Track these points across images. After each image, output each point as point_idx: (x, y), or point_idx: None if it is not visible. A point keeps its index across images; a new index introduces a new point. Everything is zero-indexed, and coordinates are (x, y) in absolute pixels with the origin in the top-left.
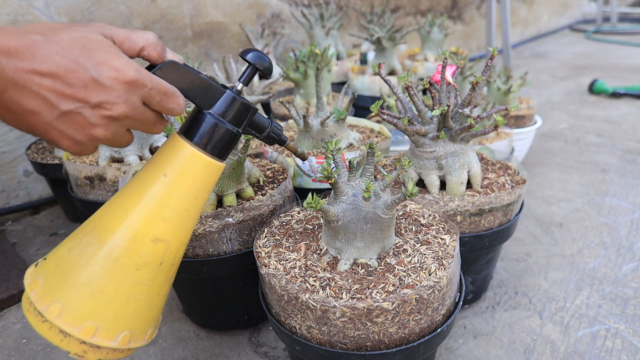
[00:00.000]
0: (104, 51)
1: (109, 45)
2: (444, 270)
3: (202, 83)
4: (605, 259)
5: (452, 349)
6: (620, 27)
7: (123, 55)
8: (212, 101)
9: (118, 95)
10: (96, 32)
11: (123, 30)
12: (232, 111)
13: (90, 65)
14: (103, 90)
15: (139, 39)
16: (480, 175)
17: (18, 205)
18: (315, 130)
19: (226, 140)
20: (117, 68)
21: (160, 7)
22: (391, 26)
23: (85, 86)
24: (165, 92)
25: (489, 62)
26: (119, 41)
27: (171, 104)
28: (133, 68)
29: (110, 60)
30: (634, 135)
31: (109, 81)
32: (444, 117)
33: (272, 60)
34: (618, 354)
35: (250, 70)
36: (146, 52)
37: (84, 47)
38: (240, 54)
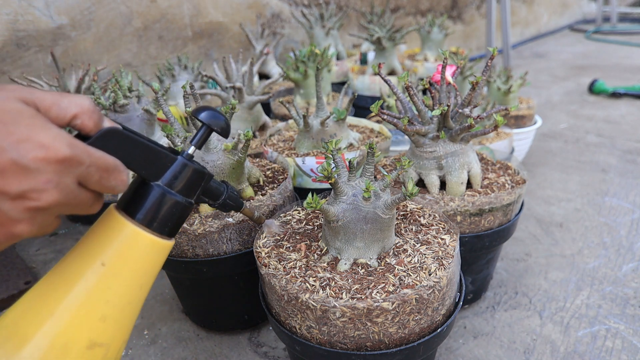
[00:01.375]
0: (26, 123)
1: (32, 115)
2: (444, 270)
3: (148, 151)
4: (605, 259)
5: (452, 349)
6: (620, 27)
7: (51, 126)
8: (159, 171)
9: (47, 179)
10: (12, 99)
11: (49, 94)
12: (182, 180)
13: (8, 144)
14: (27, 175)
15: (71, 105)
16: (480, 175)
17: None
18: (315, 130)
19: (176, 215)
20: (44, 144)
21: (160, 7)
22: (391, 26)
23: (2, 172)
24: (105, 168)
25: (489, 62)
26: (45, 109)
27: (112, 181)
28: (65, 142)
29: (35, 134)
30: (634, 135)
31: (35, 163)
32: (444, 117)
33: (272, 61)
34: (618, 354)
35: (204, 131)
36: (79, 120)
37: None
38: (192, 112)
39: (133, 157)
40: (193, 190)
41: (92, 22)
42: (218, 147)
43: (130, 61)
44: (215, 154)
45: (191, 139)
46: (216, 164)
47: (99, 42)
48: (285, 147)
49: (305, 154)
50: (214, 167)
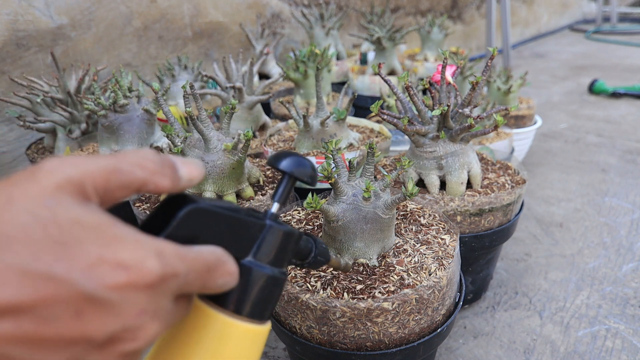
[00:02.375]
0: (92, 237)
1: (96, 220)
2: (444, 270)
3: (235, 224)
4: (605, 259)
5: (452, 349)
6: (620, 27)
7: (125, 230)
8: (248, 244)
9: (139, 311)
10: (57, 194)
11: (100, 160)
12: (273, 249)
13: (77, 274)
14: (111, 312)
15: (136, 169)
16: (480, 175)
17: None
18: (315, 130)
19: (271, 292)
20: (124, 264)
21: (160, 7)
22: (391, 26)
23: (77, 314)
24: (207, 268)
25: (489, 62)
26: (101, 185)
27: (219, 280)
28: (150, 253)
29: (109, 251)
30: (634, 135)
31: (118, 293)
32: (444, 117)
33: (272, 61)
34: (618, 354)
35: (288, 183)
36: (152, 185)
37: (57, 241)
38: (270, 161)
39: (221, 235)
40: (285, 256)
41: (92, 22)
42: (218, 147)
43: (130, 61)
44: (215, 154)
45: (273, 194)
46: (216, 164)
47: (99, 42)
48: (285, 147)
49: (305, 154)
50: (214, 167)
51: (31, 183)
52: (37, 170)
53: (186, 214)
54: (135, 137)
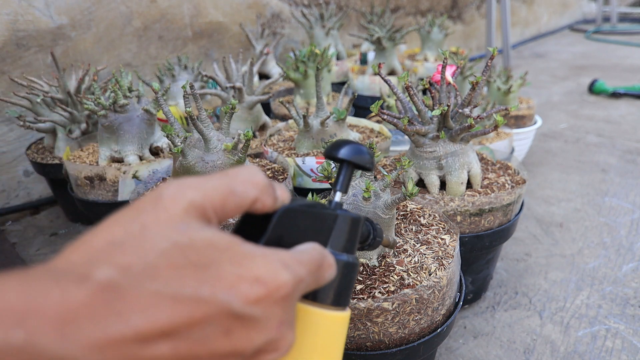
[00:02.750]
0: (227, 258)
1: (227, 241)
2: (444, 270)
3: (315, 218)
4: (605, 259)
5: (452, 349)
6: (620, 27)
7: (251, 247)
8: (326, 235)
9: (279, 322)
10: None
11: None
12: (344, 236)
13: (221, 294)
14: (255, 326)
15: (247, 189)
16: (480, 175)
17: (18, 205)
18: (315, 130)
19: (351, 278)
20: (260, 279)
21: (160, 7)
22: (391, 26)
23: (227, 332)
24: (317, 267)
25: (489, 62)
26: (219, 205)
27: (327, 275)
28: (280, 265)
29: (244, 269)
30: (634, 135)
31: (258, 308)
32: (444, 117)
33: (272, 61)
34: (618, 354)
35: (347, 170)
36: (260, 204)
37: (196, 264)
38: (327, 151)
39: (307, 231)
40: (355, 242)
41: (92, 22)
42: (218, 147)
43: (130, 61)
44: (215, 154)
45: (334, 183)
46: (216, 164)
47: (99, 42)
48: (285, 147)
49: (305, 154)
50: (214, 167)
51: (159, 210)
52: (160, 196)
53: (280, 216)
54: (135, 137)
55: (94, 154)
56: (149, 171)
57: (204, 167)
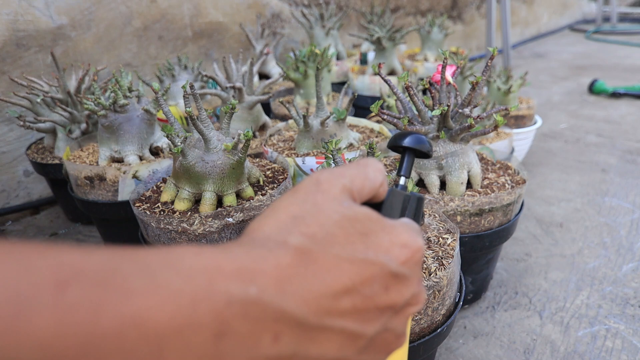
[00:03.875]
0: (380, 228)
1: (374, 213)
2: (444, 270)
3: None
4: (605, 259)
5: (452, 349)
6: (620, 27)
7: (390, 220)
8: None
9: (418, 279)
10: (343, 196)
11: (353, 169)
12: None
13: (383, 256)
14: (405, 283)
15: (376, 174)
16: (480, 175)
17: (18, 205)
18: (315, 130)
19: None
20: (407, 244)
21: (161, 7)
22: (391, 26)
23: (386, 288)
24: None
25: (489, 62)
26: (359, 188)
27: None
28: (415, 232)
29: (394, 236)
30: (634, 135)
31: (406, 267)
32: (444, 117)
33: (272, 61)
34: (618, 354)
35: (410, 157)
36: (382, 188)
37: (361, 233)
38: (393, 140)
39: (397, 208)
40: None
41: (92, 22)
42: (218, 147)
43: (130, 61)
44: (215, 154)
45: (398, 169)
46: (216, 164)
47: (99, 42)
48: (285, 147)
49: (305, 154)
50: (214, 167)
51: (323, 192)
52: (319, 181)
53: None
54: (135, 137)
55: (94, 154)
56: (149, 171)
57: (204, 167)
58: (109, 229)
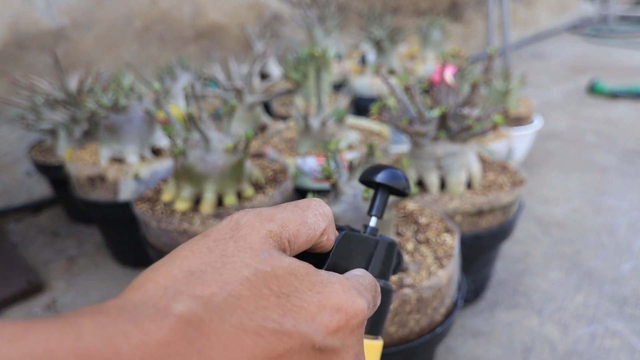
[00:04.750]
0: (308, 285)
1: (303, 267)
2: (444, 270)
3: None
4: (604, 259)
5: (451, 348)
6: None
7: (328, 275)
8: (368, 261)
9: (355, 353)
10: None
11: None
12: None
13: (305, 325)
14: (334, 357)
15: (319, 220)
16: (479, 175)
17: (20, 205)
18: (315, 131)
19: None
20: (340, 307)
21: (162, 8)
22: (391, 27)
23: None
24: (375, 292)
25: (488, 63)
26: (293, 235)
27: (378, 301)
28: (355, 291)
29: (325, 297)
30: (632, 136)
31: (338, 338)
32: (444, 118)
33: (273, 62)
34: (616, 353)
35: (383, 195)
36: (325, 237)
37: (279, 294)
38: (364, 175)
39: (355, 256)
40: (390, 267)
41: (93, 23)
42: (219, 147)
43: (131, 62)
44: (216, 154)
45: (369, 209)
46: (217, 164)
47: (100, 43)
48: (285, 147)
49: (305, 154)
50: (215, 168)
51: (238, 239)
52: (237, 225)
53: (340, 240)
54: (136, 138)
55: (95, 154)
56: (150, 171)
57: (205, 167)
58: (109, 229)
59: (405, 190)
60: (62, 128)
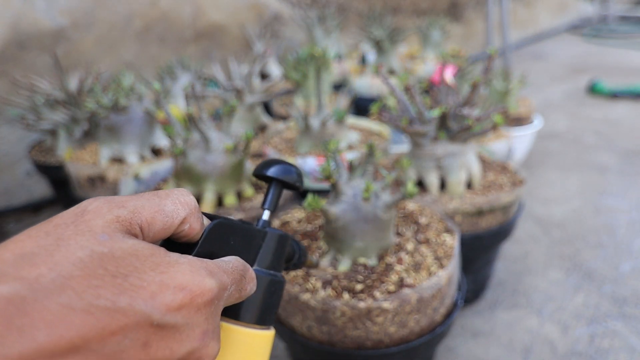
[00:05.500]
0: (149, 266)
1: (149, 248)
2: (444, 270)
3: (245, 233)
4: (604, 259)
5: (451, 348)
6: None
7: (177, 257)
8: (254, 252)
9: (202, 332)
10: (108, 229)
11: (143, 199)
12: (272, 254)
13: (142, 303)
14: (177, 336)
15: (178, 208)
16: (479, 175)
17: (20, 205)
18: (315, 131)
19: (276, 296)
20: (184, 286)
21: (162, 8)
22: (391, 27)
23: (144, 344)
24: (240, 278)
25: (488, 63)
26: (147, 222)
27: (248, 288)
28: (204, 272)
29: (168, 277)
30: (632, 136)
31: (181, 316)
32: (444, 118)
33: (273, 62)
34: (616, 353)
35: (276, 189)
36: (187, 225)
37: (115, 274)
38: (257, 170)
39: (235, 246)
40: (281, 260)
41: (93, 24)
42: (219, 147)
43: (132, 62)
44: (216, 154)
45: (263, 202)
46: (217, 164)
47: (100, 43)
48: (285, 147)
49: (305, 154)
50: (215, 168)
51: (80, 223)
52: (83, 211)
53: (211, 228)
54: (136, 138)
55: (95, 154)
56: (150, 171)
57: (205, 167)
58: None
59: (297, 184)
60: (62, 128)
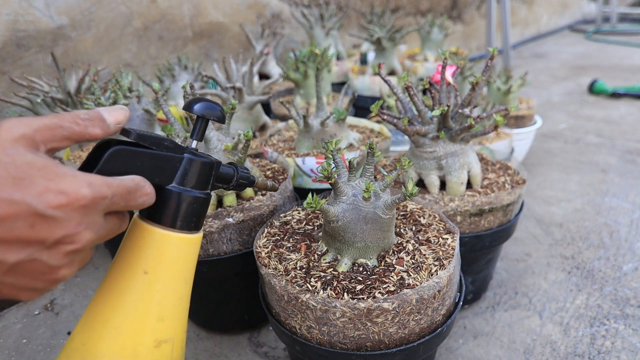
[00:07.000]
0: (40, 174)
1: (43, 163)
2: (444, 270)
3: (155, 159)
4: (605, 259)
5: (452, 349)
6: (620, 28)
7: (65, 169)
8: (170, 174)
9: (76, 224)
10: (15, 145)
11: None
12: (194, 176)
13: (31, 198)
14: (56, 224)
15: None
16: (480, 175)
17: None
18: (315, 131)
19: (197, 209)
20: (64, 191)
21: (161, 7)
22: (391, 26)
23: (32, 226)
24: (128, 191)
25: (489, 62)
26: (47, 138)
27: (139, 199)
28: (83, 183)
29: (53, 183)
30: (633, 136)
31: (60, 211)
32: (444, 117)
33: (272, 61)
34: (618, 354)
35: (201, 123)
36: (87, 135)
37: (15, 176)
38: (185, 106)
39: (143, 168)
40: (206, 181)
41: (92, 23)
42: (218, 147)
43: (131, 61)
44: (216, 154)
45: (191, 133)
46: None
47: (99, 43)
48: (285, 147)
49: (305, 154)
50: None
51: None
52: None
53: (109, 155)
54: None
55: None
56: None
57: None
58: None
59: (219, 119)
60: None
